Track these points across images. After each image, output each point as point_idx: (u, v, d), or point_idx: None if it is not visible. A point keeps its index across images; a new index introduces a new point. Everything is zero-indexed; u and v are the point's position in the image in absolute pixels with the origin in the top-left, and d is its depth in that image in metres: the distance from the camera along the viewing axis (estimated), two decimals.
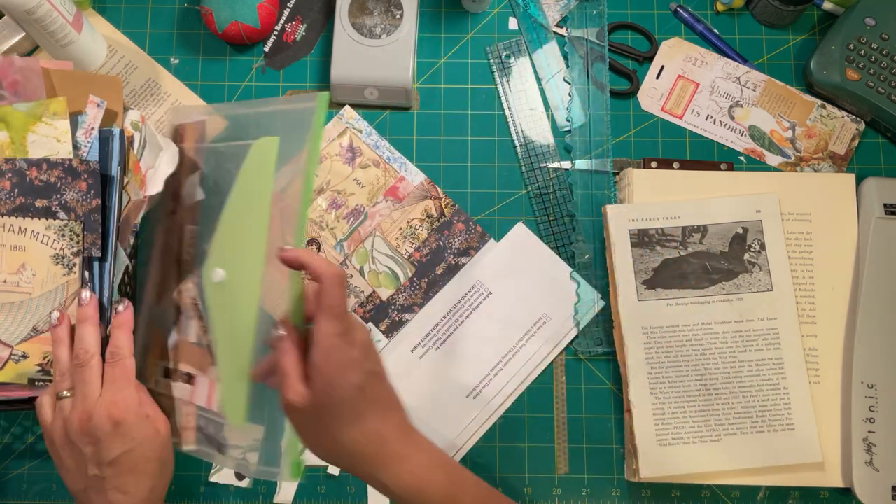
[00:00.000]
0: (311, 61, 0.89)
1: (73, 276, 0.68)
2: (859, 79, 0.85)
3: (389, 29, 0.85)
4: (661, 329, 0.79)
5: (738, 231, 0.81)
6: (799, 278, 0.81)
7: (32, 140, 0.69)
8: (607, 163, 0.86)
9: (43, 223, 0.68)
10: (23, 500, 0.80)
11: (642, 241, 0.81)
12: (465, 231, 0.85)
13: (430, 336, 0.82)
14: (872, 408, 0.78)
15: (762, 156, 0.87)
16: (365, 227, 0.84)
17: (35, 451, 0.81)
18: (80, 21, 0.82)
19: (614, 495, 0.81)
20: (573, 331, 0.82)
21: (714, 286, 0.80)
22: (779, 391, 0.78)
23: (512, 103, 0.88)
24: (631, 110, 0.88)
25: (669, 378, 0.79)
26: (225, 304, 0.67)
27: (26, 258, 0.68)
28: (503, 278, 0.83)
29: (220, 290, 0.67)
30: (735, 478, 0.78)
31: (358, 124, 0.87)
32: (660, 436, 0.77)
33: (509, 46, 0.89)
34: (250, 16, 0.84)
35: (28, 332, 0.67)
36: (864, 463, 0.77)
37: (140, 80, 0.88)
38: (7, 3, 0.73)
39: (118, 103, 0.72)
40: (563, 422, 0.82)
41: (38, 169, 0.68)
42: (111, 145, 0.70)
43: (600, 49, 0.88)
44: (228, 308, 0.66)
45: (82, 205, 0.68)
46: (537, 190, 0.86)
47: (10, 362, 0.67)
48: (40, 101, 0.70)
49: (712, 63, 0.88)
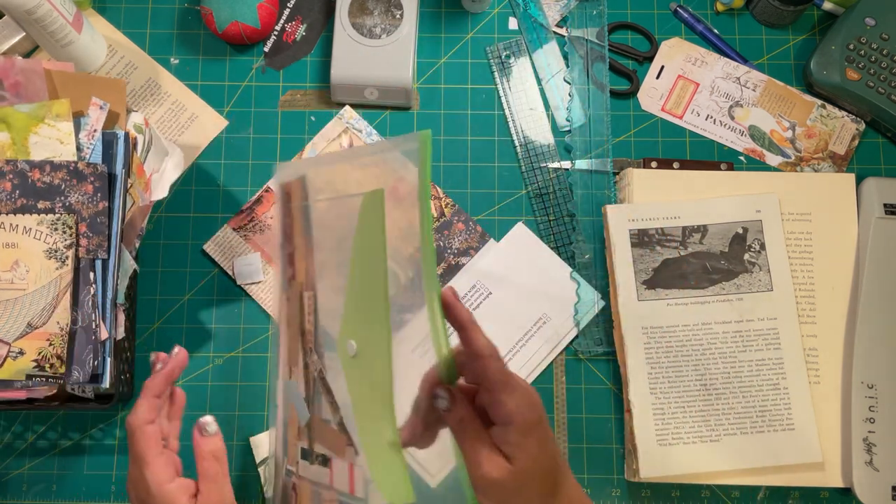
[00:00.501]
0: (311, 61, 0.89)
1: (66, 268, 0.68)
2: (859, 79, 0.85)
3: (389, 29, 0.85)
4: (661, 329, 0.80)
5: (738, 231, 0.81)
6: (799, 278, 0.81)
7: (34, 142, 0.69)
8: (607, 163, 0.86)
9: (35, 218, 0.68)
10: (23, 499, 0.80)
11: (642, 241, 0.81)
12: (465, 231, 0.85)
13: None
14: (872, 408, 0.78)
15: (762, 156, 0.87)
16: None
17: (35, 450, 0.81)
18: (80, 21, 0.82)
19: (614, 495, 0.81)
20: (573, 331, 0.83)
21: (714, 286, 0.80)
22: (779, 391, 0.78)
23: (512, 103, 0.88)
24: (631, 110, 0.88)
25: (669, 378, 0.79)
26: (361, 376, 0.61)
27: (19, 255, 0.68)
28: (503, 278, 0.83)
29: (355, 362, 0.61)
30: (735, 478, 0.78)
31: (358, 124, 0.87)
32: (660, 436, 0.78)
33: (509, 46, 0.89)
34: (250, 16, 0.84)
35: (24, 329, 0.67)
36: (864, 463, 0.77)
37: (140, 80, 0.87)
38: (7, 3, 0.73)
39: (121, 105, 0.72)
40: (563, 422, 0.82)
41: (41, 170, 0.68)
42: (115, 148, 0.70)
43: (600, 49, 0.88)
44: (365, 379, 0.61)
45: (88, 207, 0.68)
46: (537, 190, 0.86)
47: (7, 359, 0.67)
48: (43, 103, 0.69)
49: (712, 63, 0.89)
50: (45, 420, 0.81)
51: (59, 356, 0.67)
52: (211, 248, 0.84)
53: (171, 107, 0.87)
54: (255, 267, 0.83)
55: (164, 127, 0.87)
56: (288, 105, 0.88)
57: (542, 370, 0.82)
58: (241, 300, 0.84)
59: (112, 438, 0.81)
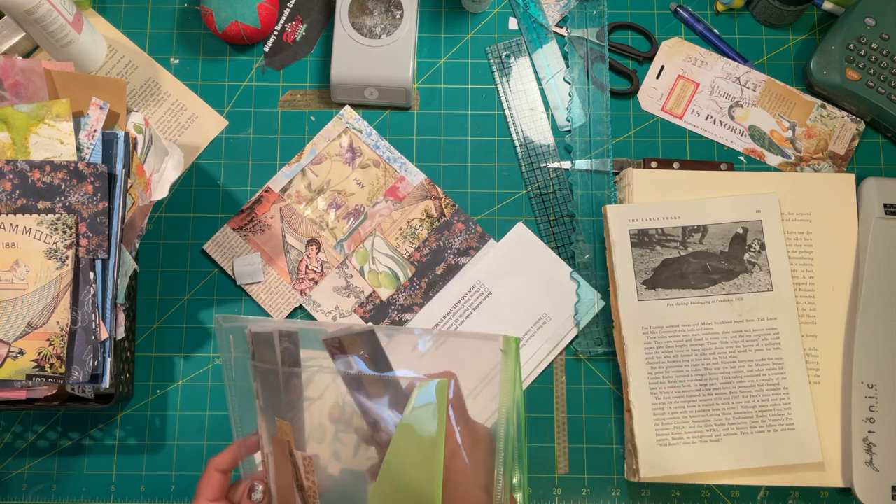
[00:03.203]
0: (311, 61, 0.89)
1: (66, 268, 0.68)
2: (859, 79, 0.85)
3: (389, 29, 0.85)
4: (661, 329, 0.80)
5: (738, 231, 0.81)
6: (799, 278, 0.81)
7: (34, 142, 0.69)
8: (607, 163, 0.86)
9: (35, 218, 0.68)
10: (23, 499, 0.80)
11: (642, 241, 0.81)
12: (465, 231, 0.85)
13: None
14: (872, 408, 0.78)
15: (762, 156, 0.87)
16: (365, 227, 0.84)
17: (35, 450, 0.81)
18: (80, 21, 0.82)
19: (614, 495, 0.81)
20: (573, 331, 0.83)
21: (714, 286, 0.80)
22: (779, 391, 0.78)
23: (512, 103, 0.88)
24: (631, 110, 0.88)
25: (669, 378, 0.79)
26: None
27: (19, 255, 0.68)
28: (503, 278, 0.83)
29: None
30: (735, 478, 0.78)
31: (358, 124, 0.87)
32: (660, 436, 0.78)
33: (509, 46, 0.89)
34: (250, 16, 0.84)
35: (24, 329, 0.67)
36: (864, 463, 0.77)
37: (140, 80, 0.88)
38: (7, 3, 0.73)
39: (121, 105, 0.72)
40: (563, 422, 0.82)
41: (41, 170, 0.68)
42: (115, 148, 0.70)
43: (600, 49, 0.88)
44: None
45: (88, 207, 0.68)
46: (537, 190, 0.86)
47: (8, 359, 0.67)
48: (43, 103, 0.69)
49: (712, 63, 0.89)
50: (45, 420, 0.81)
51: (59, 356, 0.67)
52: (211, 248, 0.84)
53: (171, 107, 0.87)
54: (255, 267, 0.83)
55: (164, 127, 0.87)
56: (288, 105, 0.88)
57: (542, 370, 0.82)
58: (241, 300, 0.84)
59: (112, 438, 0.82)
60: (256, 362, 0.60)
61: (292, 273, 0.84)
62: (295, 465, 0.60)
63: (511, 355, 0.55)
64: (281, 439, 0.60)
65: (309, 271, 0.84)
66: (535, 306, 0.83)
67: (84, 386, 0.75)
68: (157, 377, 0.83)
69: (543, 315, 0.83)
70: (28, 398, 0.69)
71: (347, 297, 0.83)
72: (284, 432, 0.60)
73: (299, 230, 0.84)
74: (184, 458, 0.81)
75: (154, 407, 0.82)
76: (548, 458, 0.81)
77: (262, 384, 0.61)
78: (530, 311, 0.83)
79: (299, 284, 0.83)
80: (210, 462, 0.63)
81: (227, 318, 0.61)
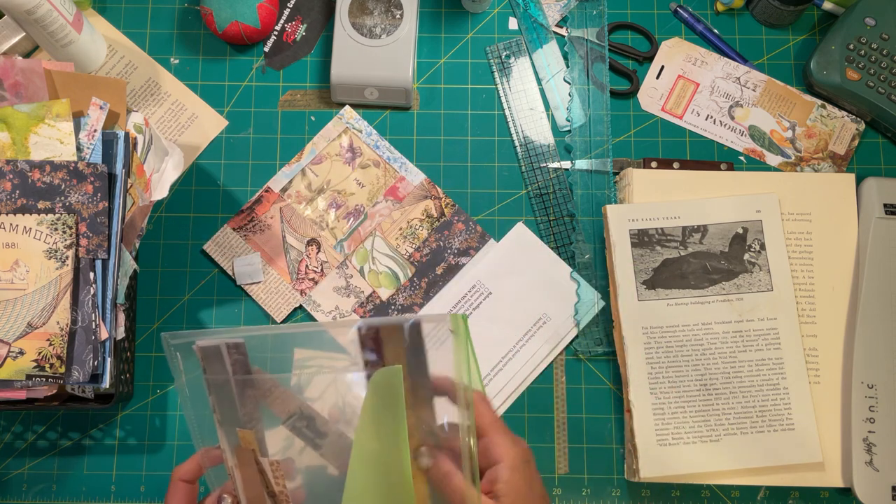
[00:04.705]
0: (311, 61, 0.89)
1: (66, 268, 0.68)
2: (859, 79, 0.85)
3: (389, 29, 0.85)
4: (661, 329, 0.80)
5: (738, 231, 0.82)
6: (799, 278, 0.81)
7: (34, 142, 0.69)
8: (607, 163, 0.86)
9: (35, 218, 0.68)
10: (23, 499, 0.80)
11: (642, 241, 0.81)
12: (465, 231, 0.85)
13: None
14: (872, 408, 0.78)
15: (762, 156, 0.87)
16: (365, 227, 0.84)
17: (35, 450, 0.81)
18: (80, 21, 0.82)
19: (614, 495, 0.81)
20: (573, 331, 0.83)
21: (714, 286, 0.80)
22: (779, 391, 0.78)
23: (512, 103, 0.88)
24: (631, 110, 0.88)
25: (669, 378, 0.79)
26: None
27: (19, 255, 0.68)
28: (503, 278, 0.83)
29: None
30: (735, 478, 0.78)
31: (358, 124, 0.87)
32: (660, 436, 0.78)
33: (509, 46, 0.89)
34: (250, 16, 0.84)
35: (24, 329, 0.67)
36: (864, 463, 0.77)
37: (140, 80, 0.88)
38: (7, 3, 0.73)
39: (121, 105, 0.72)
40: (563, 422, 0.82)
41: (41, 170, 0.68)
42: (115, 148, 0.70)
43: (600, 49, 0.88)
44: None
45: (88, 207, 0.68)
46: (537, 190, 0.86)
47: (8, 359, 0.67)
48: (43, 103, 0.69)
49: (712, 63, 0.89)
50: (45, 420, 0.81)
51: (59, 356, 0.67)
52: (211, 248, 0.84)
53: (171, 107, 0.87)
54: (255, 267, 0.83)
55: (164, 127, 0.87)
56: (288, 105, 0.88)
57: (542, 370, 0.82)
58: (241, 300, 0.84)
59: (112, 438, 0.82)
60: (208, 376, 0.60)
61: (292, 273, 0.84)
62: (262, 472, 0.60)
63: (461, 334, 0.56)
64: (245, 448, 0.60)
65: (309, 271, 0.84)
66: (535, 306, 0.83)
67: (84, 386, 0.75)
68: (157, 377, 0.83)
69: (543, 315, 0.83)
70: (28, 398, 0.69)
71: (347, 297, 0.83)
72: (248, 441, 0.59)
73: (299, 230, 0.84)
74: (184, 459, 0.81)
75: (154, 407, 0.82)
76: (548, 457, 0.81)
77: (217, 397, 0.60)
78: (530, 311, 0.83)
79: (299, 284, 0.83)
80: (174, 472, 0.61)
81: (174, 336, 0.61)
